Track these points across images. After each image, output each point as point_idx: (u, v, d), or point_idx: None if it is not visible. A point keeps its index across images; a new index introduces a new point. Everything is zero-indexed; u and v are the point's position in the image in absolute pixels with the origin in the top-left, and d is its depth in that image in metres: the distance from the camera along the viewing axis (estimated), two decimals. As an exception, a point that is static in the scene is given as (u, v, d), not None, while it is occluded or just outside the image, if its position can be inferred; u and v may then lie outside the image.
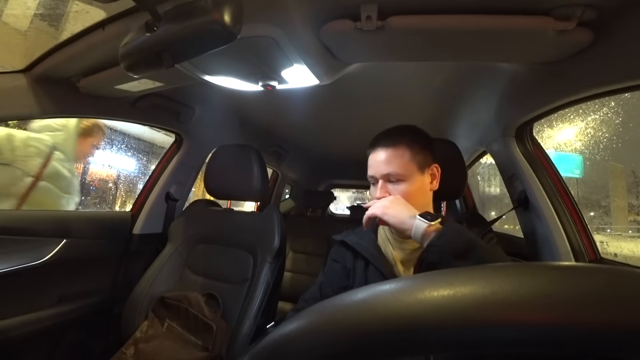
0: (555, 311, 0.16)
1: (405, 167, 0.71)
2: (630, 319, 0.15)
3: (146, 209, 1.36)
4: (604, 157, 7.00)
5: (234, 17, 0.44)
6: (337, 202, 4.37)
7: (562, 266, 0.18)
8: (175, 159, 1.44)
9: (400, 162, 0.71)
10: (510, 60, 0.78)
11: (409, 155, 0.71)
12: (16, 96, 0.87)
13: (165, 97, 1.21)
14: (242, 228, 1.17)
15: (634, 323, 0.15)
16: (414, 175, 0.71)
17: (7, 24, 1.32)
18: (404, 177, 0.71)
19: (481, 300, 0.17)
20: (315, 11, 0.63)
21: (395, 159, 0.71)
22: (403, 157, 0.71)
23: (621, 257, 3.65)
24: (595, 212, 7.16)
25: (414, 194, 0.70)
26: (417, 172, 0.72)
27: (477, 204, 2.00)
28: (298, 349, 0.19)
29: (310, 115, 1.53)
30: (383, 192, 0.71)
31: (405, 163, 0.71)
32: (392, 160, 0.71)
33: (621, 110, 6.53)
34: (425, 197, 0.74)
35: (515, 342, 0.16)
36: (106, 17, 0.69)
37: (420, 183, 0.72)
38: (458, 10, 0.59)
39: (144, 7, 0.46)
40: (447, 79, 1.06)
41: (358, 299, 0.20)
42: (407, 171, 0.71)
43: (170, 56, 0.49)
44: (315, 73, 0.80)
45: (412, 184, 0.71)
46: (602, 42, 0.62)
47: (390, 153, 0.72)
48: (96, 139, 1.67)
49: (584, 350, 0.16)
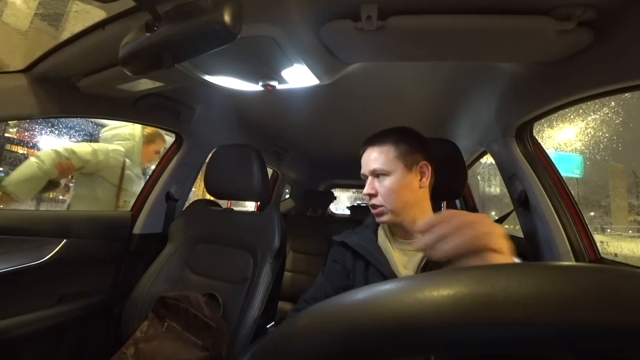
0: (555, 311, 0.16)
1: (389, 164, 0.75)
2: (631, 319, 0.15)
3: (146, 209, 1.36)
4: (604, 157, 7.01)
5: (234, 17, 0.44)
6: (337, 202, 4.37)
7: (562, 266, 0.18)
8: (175, 159, 1.44)
9: (385, 159, 0.75)
10: (510, 60, 0.78)
11: (394, 152, 0.75)
12: (16, 96, 0.87)
13: (166, 97, 1.21)
14: (242, 228, 1.17)
15: (635, 323, 0.15)
16: (399, 171, 0.74)
17: (8, 24, 1.32)
18: (387, 173, 0.74)
19: (482, 300, 0.17)
20: (315, 11, 0.63)
21: (380, 155, 0.76)
22: (388, 154, 0.75)
23: (621, 257, 3.65)
24: (595, 212, 7.17)
25: (399, 190, 0.74)
26: (402, 168, 0.74)
27: (477, 204, 1.99)
28: (298, 349, 0.19)
29: (311, 115, 1.53)
30: (369, 187, 0.76)
31: (390, 159, 0.75)
32: (378, 157, 0.76)
33: (621, 110, 6.54)
34: (413, 194, 0.75)
35: (516, 342, 0.16)
36: (106, 17, 0.69)
37: (406, 180, 0.74)
38: (458, 10, 0.59)
39: (144, 7, 0.46)
40: (447, 79, 1.06)
41: (358, 299, 0.20)
42: (391, 167, 0.74)
43: (171, 56, 0.49)
44: (316, 73, 0.80)
45: (397, 180, 0.74)
46: (603, 42, 0.62)
47: (377, 150, 0.77)
48: (158, 145, 1.88)
49: (585, 350, 0.16)
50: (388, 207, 0.74)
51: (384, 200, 0.74)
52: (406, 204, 0.74)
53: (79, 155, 1.58)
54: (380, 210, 0.75)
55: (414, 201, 0.75)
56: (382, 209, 0.74)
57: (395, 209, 0.73)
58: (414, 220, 0.74)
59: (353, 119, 1.50)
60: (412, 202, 0.75)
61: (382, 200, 0.74)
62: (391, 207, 0.73)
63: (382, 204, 0.74)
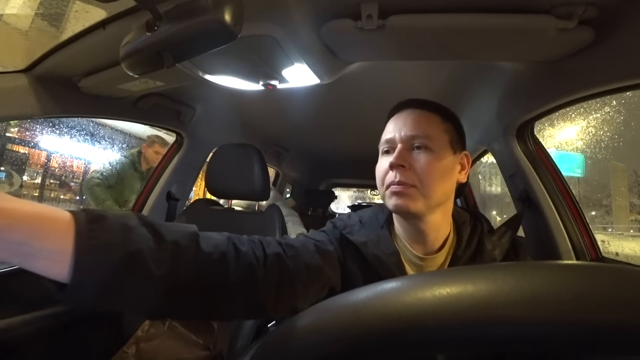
0: (556, 310, 0.16)
1: (436, 135, 0.55)
2: (631, 318, 0.15)
3: (147, 209, 1.36)
4: (606, 156, 7.00)
5: (234, 17, 0.44)
6: (338, 201, 4.38)
7: (563, 265, 0.18)
8: (176, 159, 1.44)
9: (432, 128, 0.56)
10: (511, 59, 0.78)
11: (443, 126, 0.57)
12: (17, 96, 0.87)
13: (166, 96, 1.21)
14: (243, 227, 1.17)
15: (636, 322, 0.15)
16: (445, 150, 0.55)
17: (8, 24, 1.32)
18: (432, 147, 0.54)
19: (482, 299, 0.17)
20: (316, 10, 0.63)
21: (426, 121, 0.57)
22: (436, 124, 0.57)
23: (622, 256, 3.65)
24: (596, 212, 7.16)
25: (439, 173, 0.54)
26: (449, 148, 0.56)
27: (478, 203, 1.99)
28: (299, 348, 0.19)
29: (311, 115, 1.53)
30: (400, 157, 0.54)
31: (438, 131, 0.56)
32: (423, 122, 0.56)
33: (623, 109, 6.53)
34: (451, 185, 0.57)
35: (516, 341, 0.16)
36: (107, 17, 0.69)
37: (450, 165, 0.56)
38: (459, 9, 0.59)
39: (144, 6, 0.46)
40: (448, 78, 1.05)
41: (359, 299, 0.20)
42: (438, 140, 0.55)
43: (171, 55, 0.49)
44: (316, 72, 0.80)
45: (440, 159, 0.54)
46: (604, 40, 0.62)
47: (422, 115, 0.58)
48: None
49: (587, 350, 0.16)
50: (421, 189, 0.53)
51: (417, 179, 0.53)
52: (442, 195, 0.55)
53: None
54: (408, 190, 0.53)
55: (448, 195, 0.57)
56: (412, 189, 0.53)
57: (430, 195, 0.53)
58: (436, 224, 0.57)
59: (354, 118, 1.50)
60: (447, 195, 0.57)
61: (415, 178, 0.53)
62: (425, 190, 0.53)
63: (414, 183, 0.53)
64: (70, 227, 0.33)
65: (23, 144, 4.73)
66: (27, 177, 4.85)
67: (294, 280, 0.50)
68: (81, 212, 0.35)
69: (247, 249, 0.48)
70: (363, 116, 1.45)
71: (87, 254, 0.33)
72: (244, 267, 0.46)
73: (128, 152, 2.31)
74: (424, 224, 0.55)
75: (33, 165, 4.95)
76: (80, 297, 0.34)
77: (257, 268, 0.46)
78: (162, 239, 0.39)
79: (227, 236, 0.49)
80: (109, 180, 2.12)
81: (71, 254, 0.32)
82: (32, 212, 0.31)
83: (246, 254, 0.47)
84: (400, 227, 0.60)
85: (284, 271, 0.49)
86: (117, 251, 0.35)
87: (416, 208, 0.53)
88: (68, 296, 0.33)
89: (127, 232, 0.36)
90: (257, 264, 0.47)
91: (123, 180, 2.17)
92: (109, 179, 2.12)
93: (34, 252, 0.31)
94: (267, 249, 0.50)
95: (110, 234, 0.35)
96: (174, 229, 0.43)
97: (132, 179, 2.21)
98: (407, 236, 0.58)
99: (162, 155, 2.28)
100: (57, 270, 0.33)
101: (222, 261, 0.44)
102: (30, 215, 0.31)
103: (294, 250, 0.53)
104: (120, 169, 2.18)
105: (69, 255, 0.32)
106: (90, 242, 0.33)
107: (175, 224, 0.45)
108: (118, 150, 4.98)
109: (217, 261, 0.44)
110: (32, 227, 0.31)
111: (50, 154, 5.04)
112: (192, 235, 0.44)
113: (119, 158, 2.32)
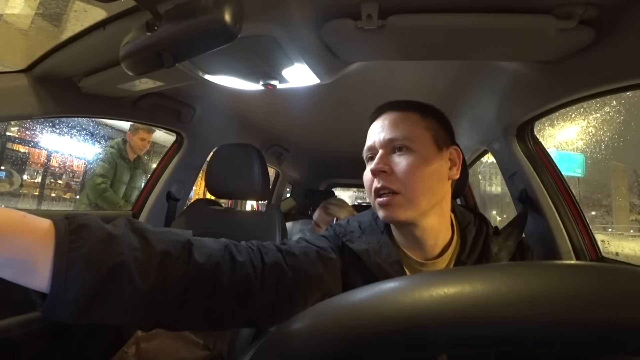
0: (553, 310, 0.16)
1: (416, 134, 0.52)
2: (629, 318, 0.15)
3: (147, 209, 1.36)
4: (606, 156, 7.00)
5: (234, 16, 0.44)
6: (338, 201, 4.36)
7: (560, 265, 0.18)
8: (176, 159, 1.44)
9: (411, 128, 0.53)
10: (511, 59, 0.78)
11: (423, 124, 0.54)
12: (17, 96, 0.87)
13: (166, 96, 1.21)
14: (243, 227, 1.17)
15: (633, 322, 0.15)
16: (428, 148, 0.52)
17: (9, 24, 1.32)
18: (412, 147, 0.51)
19: (479, 299, 0.17)
20: (316, 10, 0.63)
21: (404, 122, 0.54)
22: (415, 123, 0.54)
23: (622, 256, 3.65)
24: (596, 212, 7.15)
25: (424, 173, 0.50)
26: (432, 146, 0.53)
27: (478, 203, 1.99)
28: (298, 349, 0.19)
29: (311, 115, 1.53)
30: (381, 162, 0.51)
31: (418, 130, 0.53)
32: (400, 124, 0.53)
33: (623, 109, 6.53)
34: (441, 185, 0.54)
35: (514, 341, 0.16)
36: (107, 17, 0.69)
37: (436, 163, 0.52)
38: (459, 9, 0.59)
39: (144, 6, 0.46)
40: (448, 78, 1.05)
41: (358, 299, 0.20)
42: (419, 140, 0.52)
43: (171, 55, 0.49)
44: (316, 72, 0.79)
45: (424, 159, 0.51)
46: (604, 40, 0.62)
47: (399, 116, 0.55)
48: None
49: (585, 349, 0.16)
50: (406, 194, 0.50)
51: (400, 184, 0.50)
52: (431, 197, 0.51)
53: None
54: (393, 200, 0.50)
55: (440, 196, 0.53)
56: (397, 197, 0.50)
57: (415, 200, 0.50)
58: (433, 229, 0.54)
59: (354, 118, 1.50)
60: (438, 196, 0.53)
61: (399, 182, 0.50)
62: (411, 195, 0.50)
63: (398, 189, 0.50)
64: (50, 237, 0.31)
65: (23, 143, 4.74)
66: (27, 176, 4.85)
67: (293, 294, 0.47)
68: (62, 220, 0.33)
69: (244, 259, 0.45)
70: (363, 116, 1.44)
71: (66, 268, 0.31)
72: (239, 279, 0.43)
73: (112, 142, 2.20)
74: (419, 229, 0.52)
75: (33, 164, 4.96)
76: (57, 312, 0.32)
77: (253, 280, 0.44)
78: (151, 249, 0.37)
79: (224, 244, 0.46)
80: (109, 177, 2.08)
81: (50, 267, 0.30)
82: (7, 220, 0.29)
83: (243, 264, 0.45)
84: (397, 233, 0.58)
85: (282, 283, 0.47)
86: (99, 264, 0.32)
87: (405, 216, 0.50)
88: (45, 310, 0.31)
89: (111, 242, 0.34)
90: (254, 276, 0.45)
91: (116, 172, 2.12)
92: (108, 176, 2.08)
93: (7, 263, 0.30)
94: (266, 258, 0.48)
95: (92, 244, 0.33)
96: (166, 237, 0.41)
97: (122, 170, 2.14)
98: (405, 242, 0.56)
99: (148, 142, 2.20)
100: (35, 282, 0.31)
101: (216, 273, 0.42)
102: (4, 223, 0.29)
103: (294, 258, 0.50)
104: (111, 161, 2.10)
105: (47, 267, 0.30)
106: (70, 254, 0.31)
107: (170, 230, 0.43)
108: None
109: (210, 273, 0.41)
110: (6, 237, 0.29)
111: (51, 153, 5.05)
112: (185, 244, 0.42)
113: (105, 149, 2.21)
